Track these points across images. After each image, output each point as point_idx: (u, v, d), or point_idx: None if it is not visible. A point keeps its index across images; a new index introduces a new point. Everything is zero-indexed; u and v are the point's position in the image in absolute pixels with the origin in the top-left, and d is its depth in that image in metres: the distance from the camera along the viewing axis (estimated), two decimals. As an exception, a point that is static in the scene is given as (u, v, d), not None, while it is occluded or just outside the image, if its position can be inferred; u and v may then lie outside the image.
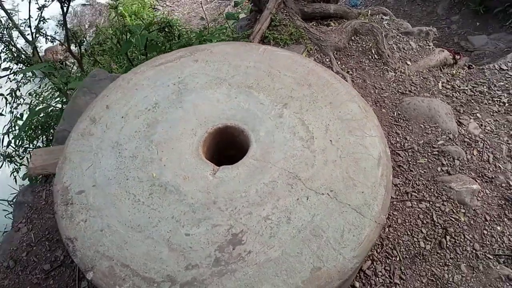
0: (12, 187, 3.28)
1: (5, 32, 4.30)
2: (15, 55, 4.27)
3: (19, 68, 4.38)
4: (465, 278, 1.86)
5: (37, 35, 4.27)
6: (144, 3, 7.59)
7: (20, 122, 3.69)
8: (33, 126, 3.64)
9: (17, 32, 4.46)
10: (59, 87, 3.94)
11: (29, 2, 4.16)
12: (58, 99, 4.04)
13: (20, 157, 3.80)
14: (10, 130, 3.77)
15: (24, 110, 3.92)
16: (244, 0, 5.34)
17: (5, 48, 4.29)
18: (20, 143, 3.68)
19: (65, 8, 3.85)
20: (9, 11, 4.46)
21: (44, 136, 3.73)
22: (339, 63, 2.95)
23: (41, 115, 3.61)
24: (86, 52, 5.13)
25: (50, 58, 6.13)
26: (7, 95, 4.00)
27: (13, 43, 4.37)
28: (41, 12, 4.23)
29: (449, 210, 2.10)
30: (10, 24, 4.38)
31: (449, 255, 1.94)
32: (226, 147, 2.00)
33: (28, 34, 4.47)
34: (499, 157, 2.35)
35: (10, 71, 4.16)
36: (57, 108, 3.78)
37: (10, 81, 4.22)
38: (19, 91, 4.25)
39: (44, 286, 1.98)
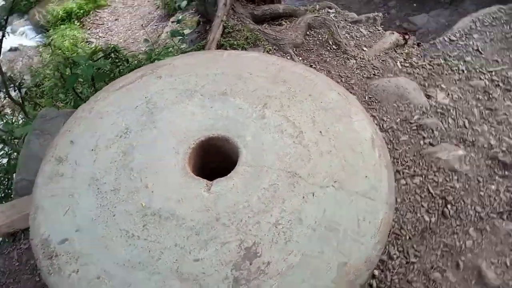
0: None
1: None
2: None
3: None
4: (477, 242, 1.85)
5: (-32, 86, 3.89)
6: (76, 38, 7.24)
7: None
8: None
9: None
10: (1, 139, 3.59)
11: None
12: (1, 152, 3.68)
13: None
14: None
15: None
16: (185, 17, 5.24)
17: None
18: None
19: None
20: None
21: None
22: (300, 58, 2.93)
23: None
24: (26, 96, 4.76)
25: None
26: None
27: None
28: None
29: (443, 179, 2.10)
30: None
31: (455, 222, 1.94)
32: (210, 159, 1.87)
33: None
34: (473, 120, 2.42)
35: None
36: (3, 162, 3.43)
37: None
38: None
39: None
